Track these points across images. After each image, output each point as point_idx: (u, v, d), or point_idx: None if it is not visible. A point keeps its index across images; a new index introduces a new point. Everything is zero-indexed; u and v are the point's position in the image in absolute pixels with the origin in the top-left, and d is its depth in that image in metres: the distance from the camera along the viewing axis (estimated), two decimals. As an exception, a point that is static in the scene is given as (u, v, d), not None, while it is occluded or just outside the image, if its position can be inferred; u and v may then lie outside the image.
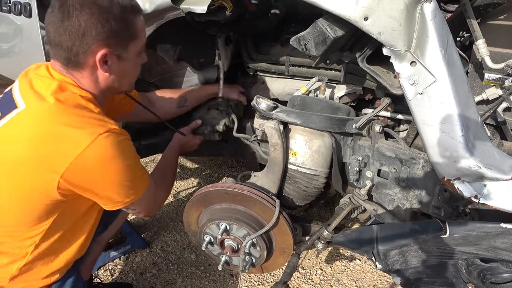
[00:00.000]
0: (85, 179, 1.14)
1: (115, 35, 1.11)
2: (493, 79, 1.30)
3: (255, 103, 1.49)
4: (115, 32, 1.11)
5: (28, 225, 1.19)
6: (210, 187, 1.49)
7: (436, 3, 1.02)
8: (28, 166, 1.10)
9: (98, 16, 1.07)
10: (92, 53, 1.11)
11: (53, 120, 1.08)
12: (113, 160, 1.13)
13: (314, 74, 1.61)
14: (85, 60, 1.12)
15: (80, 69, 1.15)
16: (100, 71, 1.16)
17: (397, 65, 1.08)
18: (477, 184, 1.12)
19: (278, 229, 1.45)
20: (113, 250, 2.10)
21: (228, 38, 1.72)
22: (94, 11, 1.07)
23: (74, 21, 1.06)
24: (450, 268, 1.32)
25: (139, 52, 1.23)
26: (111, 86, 1.22)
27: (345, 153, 1.54)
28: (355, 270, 2.09)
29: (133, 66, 1.25)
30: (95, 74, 1.17)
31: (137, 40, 1.19)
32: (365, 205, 1.43)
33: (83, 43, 1.09)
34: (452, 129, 1.07)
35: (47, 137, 1.08)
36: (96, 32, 1.08)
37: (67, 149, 1.07)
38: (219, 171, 3.03)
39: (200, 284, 2.00)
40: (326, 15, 1.13)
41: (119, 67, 1.19)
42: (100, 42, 1.10)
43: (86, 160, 1.08)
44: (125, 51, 1.17)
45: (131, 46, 1.18)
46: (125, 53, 1.17)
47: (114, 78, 1.20)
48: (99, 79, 1.18)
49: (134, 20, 1.16)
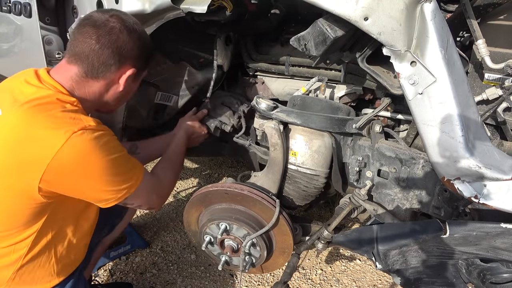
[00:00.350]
0: (65, 180, 1.13)
1: (145, 60, 1.31)
2: (493, 79, 1.30)
3: (255, 103, 1.49)
4: (145, 58, 1.30)
5: (18, 229, 1.19)
6: (210, 187, 1.49)
7: (436, 3, 1.02)
8: (7, 171, 1.10)
9: (140, 43, 1.25)
10: (123, 69, 1.25)
11: (27, 124, 1.08)
12: (91, 157, 1.11)
13: (314, 74, 1.61)
14: (113, 74, 1.24)
15: (98, 78, 1.23)
16: (117, 85, 1.27)
17: (397, 65, 1.08)
18: (477, 184, 1.12)
19: (278, 229, 1.45)
20: (113, 250, 2.10)
21: (228, 38, 1.72)
22: (138, 37, 1.24)
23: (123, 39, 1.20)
24: (450, 268, 1.32)
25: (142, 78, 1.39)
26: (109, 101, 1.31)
27: (345, 153, 1.54)
28: (355, 270, 2.09)
29: (135, 89, 1.39)
30: (108, 87, 1.27)
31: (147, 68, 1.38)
32: (365, 205, 1.44)
33: (121, 59, 1.22)
34: (452, 129, 1.07)
35: (22, 142, 1.08)
36: (136, 54, 1.25)
37: (42, 152, 1.07)
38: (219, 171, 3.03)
39: (200, 284, 2.00)
40: (326, 15, 1.13)
41: (130, 86, 1.32)
42: (134, 63, 1.26)
43: (62, 160, 1.08)
44: (140, 76, 1.35)
45: (144, 72, 1.36)
46: (139, 77, 1.35)
47: (120, 95, 1.31)
48: (108, 92, 1.28)
49: (152, 51, 1.35)
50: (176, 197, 2.68)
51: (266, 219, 1.44)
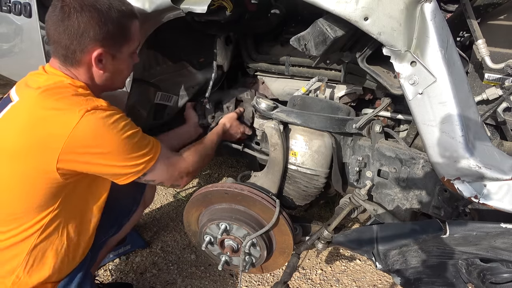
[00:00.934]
0: (83, 157, 1.17)
1: (111, 37, 1.21)
2: (493, 79, 1.30)
3: (255, 103, 1.49)
4: (111, 34, 1.20)
5: (34, 210, 1.22)
6: (210, 187, 1.49)
7: (436, 3, 1.02)
8: (26, 152, 1.15)
9: (97, 19, 1.16)
10: (88, 52, 1.20)
11: (42, 106, 1.15)
12: (105, 133, 1.16)
13: (314, 74, 1.61)
14: (82, 58, 1.21)
15: (76, 66, 1.23)
16: (95, 68, 1.24)
17: (397, 65, 1.08)
18: (477, 184, 1.12)
19: (278, 229, 1.45)
20: (113, 250, 2.10)
21: (228, 38, 1.72)
22: (93, 14, 1.16)
23: (74, 21, 1.15)
24: (450, 268, 1.32)
25: (132, 53, 1.32)
26: (105, 83, 1.30)
27: (345, 153, 1.54)
28: (355, 270, 2.09)
29: (126, 65, 1.33)
30: (90, 71, 1.25)
31: (131, 42, 1.28)
32: (365, 205, 1.44)
33: (80, 43, 1.17)
34: (452, 129, 1.07)
35: (38, 123, 1.14)
36: (94, 33, 1.17)
37: (58, 131, 1.12)
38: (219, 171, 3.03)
39: (200, 284, 2.00)
40: (326, 15, 1.13)
41: (112, 66, 1.27)
42: (96, 43, 1.19)
43: (78, 137, 1.13)
44: (119, 52, 1.26)
45: (125, 47, 1.27)
46: (119, 53, 1.26)
47: (107, 76, 1.29)
48: (94, 76, 1.27)
49: (129, 24, 1.25)
50: (176, 197, 2.68)
51: (266, 219, 1.44)
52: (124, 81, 1.41)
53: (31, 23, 1.72)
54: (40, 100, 1.15)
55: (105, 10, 1.17)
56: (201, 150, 1.51)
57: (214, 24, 1.45)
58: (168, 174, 1.35)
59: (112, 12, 1.19)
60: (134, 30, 1.28)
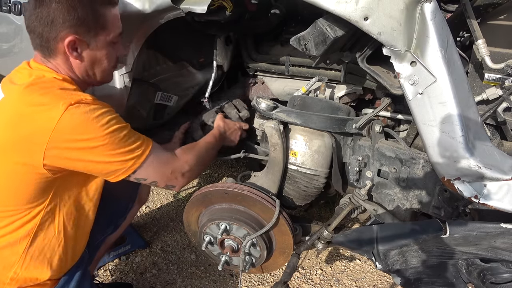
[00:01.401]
0: (68, 153, 1.14)
1: (82, 23, 1.16)
2: (493, 79, 1.30)
3: (255, 103, 1.49)
4: (82, 20, 1.16)
5: (25, 206, 1.21)
6: (210, 187, 1.49)
7: (436, 3, 1.02)
8: (12, 148, 1.14)
9: (66, 4, 1.13)
10: (61, 40, 1.16)
11: (27, 102, 1.13)
12: (89, 127, 1.12)
13: (314, 74, 1.61)
14: (56, 47, 1.18)
15: (54, 56, 1.20)
16: (72, 58, 1.21)
17: (397, 65, 1.08)
18: (477, 184, 1.12)
19: (278, 229, 1.45)
20: (113, 250, 2.10)
21: (228, 38, 1.72)
22: (63, 0, 1.13)
23: (45, 8, 1.13)
24: (450, 268, 1.32)
25: (111, 42, 1.26)
26: (85, 74, 1.27)
27: (345, 153, 1.54)
28: (355, 270, 2.09)
29: (104, 55, 1.27)
30: (68, 61, 1.22)
31: (108, 30, 1.23)
32: (365, 205, 1.44)
33: (52, 30, 1.15)
34: (452, 129, 1.07)
35: (23, 119, 1.12)
36: (63, 19, 1.13)
37: (43, 126, 1.10)
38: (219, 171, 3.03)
39: (200, 284, 2.00)
40: (326, 15, 1.13)
41: (89, 55, 1.23)
42: (68, 30, 1.15)
43: (62, 131, 1.10)
44: (93, 40, 1.21)
45: (100, 35, 1.22)
46: (95, 41, 1.22)
47: (86, 66, 1.25)
48: (73, 67, 1.24)
49: (104, 10, 1.21)
50: (176, 197, 2.68)
51: (266, 219, 1.44)
52: (109, 73, 1.34)
53: (31, 23, 1.72)
54: (24, 96, 1.13)
55: None
56: (196, 151, 1.45)
57: (214, 24, 1.45)
58: (160, 172, 1.29)
59: None
60: (112, 18, 1.23)
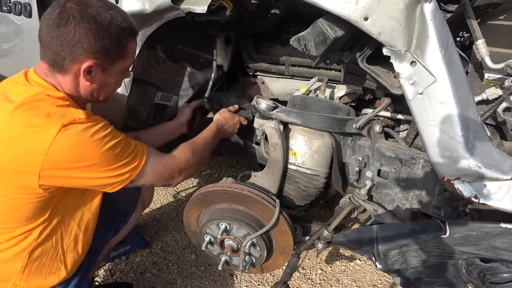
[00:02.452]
0: (64, 173, 1.14)
1: (105, 51, 1.17)
2: (493, 79, 1.30)
3: (255, 103, 1.49)
4: (106, 49, 1.17)
5: (24, 223, 1.21)
6: (210, 187, 1.49)
7: (436, 3, 1.02)
8: (4, 169, 1.13)
9: (95, 32, 1.13)
10: (78, 62, 1.16)
11: (18, 122, 1.11)
12: (83, 147, 1.12)
13: (314, 74, 1.61)
14: (70, 66, 1.17)
15: (64, 73, 1.19)
16: (82, 79, 1.20)
17: (397, 65, 1.08)
18: (477, 184, 1.12)
19: (278, 229, 1.45)
20: (113, 250, 2.10)
21: (228, 38, 1.72)
22: (92, 27, 1.12)
23: (70, 30, 1.11)
24: (450, 268, 1.32)
25: (125, 69, 1.29)
26: (90, 94, 1.26)
27: (345, 153, 1.54)
28: (355, 270, 2.09)
29: (115, 80, 1.30)
30: (77, 81, 1.21)
31: (126, 59, 1.26)
32: (365, 205, 1.43)
33: (72, 51, 1.14)
34: (452, 129, 1.07)
35: (15, 140, 1.10)
36: (88, 45, 1.13)
37: (35, 149, 1.09)
38: (219, 171, 3.03)
39: (200, 284, 2.00)
40: (326, 15, 1.13)
41: (101, 79, 1.24)
42: (89, 54, 1.15)
43: (57, 154, 1.09)
44: (110, 67, 1.23)
45: (118, 63, 1.24)
46: (111, 68, 1.23)
47: (94, 88, 1.25)
48: (80, 86, 1.23)
49: (127, 42, 1.23)
50: (176, 197, 2.68)
51: (266, 219, 1.44)
52: (110, 95, 1.36)
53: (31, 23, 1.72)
54: (15, 116, 1.11)
55: (106, 24, 1.14)
56: (193, 147, 1.47)
57: (214, 24, 1.45)
58: (158, 176, 1.33)
59: (112, 28, 1.16)
60: (131, 48, 1.25)
